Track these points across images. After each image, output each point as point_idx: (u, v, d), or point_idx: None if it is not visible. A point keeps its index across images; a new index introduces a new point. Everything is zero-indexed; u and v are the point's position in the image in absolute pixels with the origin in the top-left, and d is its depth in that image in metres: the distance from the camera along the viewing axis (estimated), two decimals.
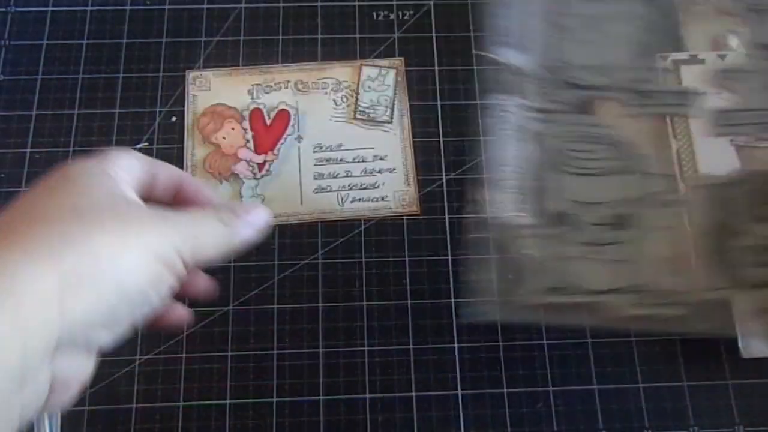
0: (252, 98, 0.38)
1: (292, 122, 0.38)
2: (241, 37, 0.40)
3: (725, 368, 0.34)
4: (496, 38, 0.30)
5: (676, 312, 0.28)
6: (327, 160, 0.37)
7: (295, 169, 0.37)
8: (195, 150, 0.37)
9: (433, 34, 0.41)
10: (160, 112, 0.38)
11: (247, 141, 0.37)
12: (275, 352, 0.34)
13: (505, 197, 0.29)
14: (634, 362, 0.34)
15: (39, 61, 0.39)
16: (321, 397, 0.33)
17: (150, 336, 0.34)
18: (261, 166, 0.37)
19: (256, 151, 0.37)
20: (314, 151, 0.37)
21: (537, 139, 0.29)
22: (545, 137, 0.29)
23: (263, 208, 0.25)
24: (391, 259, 0.36)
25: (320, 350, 0.34)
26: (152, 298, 0.21)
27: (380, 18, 0.41)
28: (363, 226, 0.36)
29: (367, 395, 0.33)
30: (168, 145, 0.38)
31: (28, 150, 0.37)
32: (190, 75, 0.39)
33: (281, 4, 0.41)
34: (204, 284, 0.26)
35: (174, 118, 0.38)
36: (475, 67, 0.40)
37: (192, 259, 0.22)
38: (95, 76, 0.39)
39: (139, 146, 0.37)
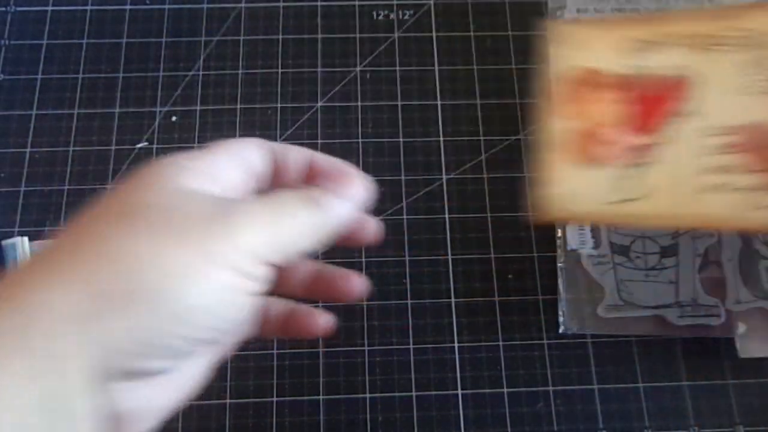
0: (631, 61, 0.29)
1: (685, 95, 0.28)
2: (241, 37, 0.40)
3: (725, 368, 0.34)
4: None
5: (714, 322, 0.33)
6: (729, 148, 0.27)
7: (686, 158, 0.28)
8: (554, 121, 0.29)
9: (433, 34, 0.41)
10: (159, 111, 0.38)
11: (626, 117, 0.28)
12: (275, 351, 0.34)
13: (579, 233, 0.34)
14: (634, 362, 0.34)
15: (39, 61, 0.39)
16: (321, 397, 0.33)
17: None
18: (642, 150, 0.28)
19: (637, 131, 0.28)
20: (712, 135, 0.28)
21: None
22: None
23: (358, 175, 0.21)
24: (391, 259, 0.36)
25: (320, 350, 0.34)
26: (224, 316, 0.17)
27: (380, 18, 0.41)
28: None
29: (367, 395, 0.33)
30: (168, 145, 0.38)
31: (28, 150, 0.37)
32: (553, 27, 0.30)
33: (281, 4, 0.41)
34: (372, 227, 0.23)
35: (174, 118, 0.38)
36: (475, 67, 0.40)
37: (280, 255, 0.18)
38: (95, 76, 0.39)
39: (139, 146, 0.37)
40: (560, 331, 0.34)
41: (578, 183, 0.29)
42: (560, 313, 0.34)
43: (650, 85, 0.28)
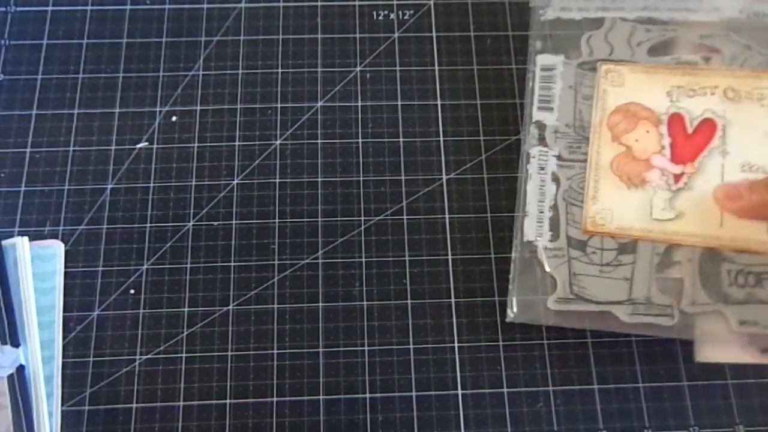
0: (671, 101, 0.35)
1: (718, 134, 0.34)
2: (241, 37, 0.40)
3: (725, 368, 0.34)
4: (541, 104, 0.36)
5: (666, 322, 0.33)
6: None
7: (711, 188, 0.33)
8: (601, 149, 0.34)
9: (433, 34, 0.41)
10: (159, 111, 0.38)
11: (663, 148, 0.34)
12: (275, 352, 0.34)
13: (537, 225, 0.35)
14: (634, 362, 0.34)
15: (39, 61, 0.39)
16: (321, 397, 0.33)
17: (150, 336, 0.34)
18: (677, 177, 0.34)
19: (673, 161, 0.34)
20: (741, 171, 0.33)
21: (562, 181, 0.35)
22: (569, 180, 0.35)
23: None
24: (391, 259, 0.36)
25: (320, 350, 0.34)
26: None
27: (380, 18, 0.41)
28: (363, 226, 0.36)
29: (367, 395, 0.33)
30: (168, 145, 0.38)
31: (28, 150, 0.37)
32: (603, 68, 0.36)
33: (281, 4, 0.41)
34: None
35: (174, 118, 0.38)
36: (475, 67, 0.40)
37: None
38: (95, 76, 0.39)
39: (139, 146, 0.37)
40: (507, 320, 0.34)
41: (621, 202, 0.34)
42: (510, 303, 0.34)
43: (687, 123, 0.34)
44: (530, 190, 0.35)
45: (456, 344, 0.34)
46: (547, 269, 0.34)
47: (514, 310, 0.34)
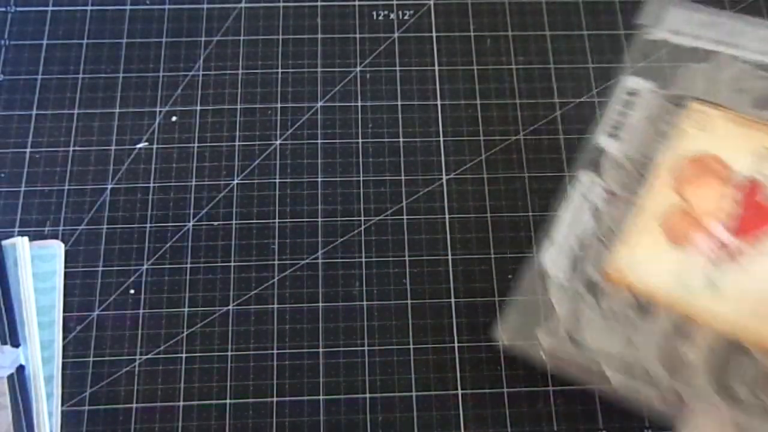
0: (756, 165, 0.30)
1: None
2: (241, 37, 0.40)
3: None
4: (609, 129, 0.33)
5: (648, 391, 0.29)
6: None
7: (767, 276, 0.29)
8: (656, 194, 0.30)
9: (433, 34, 0.41)
10: (159, 111, 0.38)
11: (727, 214, 0.29)
12: (275, 352, 0.34)
13: (555, 251, 0.31)
14: None
15: (39, 61, 0.39)
16: (321, 397, 0.33)
17: (150, 336, 0.34)
18: (730, 251, 0.29)
19: (733, 232, 0.29)
20: None
21: (602, 217, 0.31)
22: (609, 218, 0.31)
23: None
24: (391, 259, 0.36)
25: (320, 350, 0.34)
26: None
27: (380, 18, 0.41)
28: (363, 226, 0.36)
29: (367, 395, 0.33)
30: (168, 145, 0.38)
31: (28, 150, 0.37)
32: (692, 105, 0.32)
33: (281, 4, 0.41)
34: None
35: (174, 118, 0.38)
36: (475, 67, 0.40)
37: None
38: (95, 76, 0.39)
39: (139, 146, 0.38)
40: (498, 342, 0.33)
41: (656, 258, 0.30)
42: (499, 321, 0.33)
43: (764, 194, 0.30)
44: (565, 215, 0.32)
45: (456, 344, 0.34)
46: (553, 302, 0.31)
47: (501, 330, 0.32)
